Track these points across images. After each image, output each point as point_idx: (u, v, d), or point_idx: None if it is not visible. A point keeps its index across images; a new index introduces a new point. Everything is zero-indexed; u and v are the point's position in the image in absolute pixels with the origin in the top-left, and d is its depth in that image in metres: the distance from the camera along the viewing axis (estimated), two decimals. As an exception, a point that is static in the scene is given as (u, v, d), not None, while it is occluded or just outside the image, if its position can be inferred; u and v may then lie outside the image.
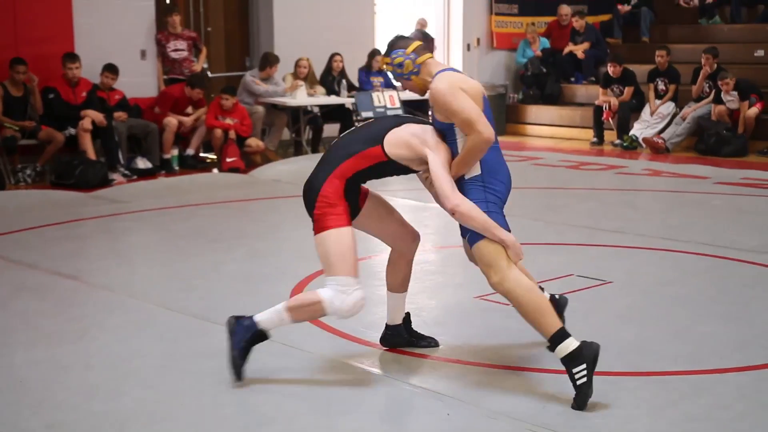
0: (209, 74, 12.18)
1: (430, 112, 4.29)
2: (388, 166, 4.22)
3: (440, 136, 4.20)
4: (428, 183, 4.28)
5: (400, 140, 4.17)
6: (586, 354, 3.82)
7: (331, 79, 12.18)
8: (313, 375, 4.34)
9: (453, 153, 4.17)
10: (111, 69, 10.38)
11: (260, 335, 4.16)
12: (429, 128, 4.25)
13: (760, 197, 8.94)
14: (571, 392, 3.86)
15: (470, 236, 4.09)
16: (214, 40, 12.56)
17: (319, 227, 4.18)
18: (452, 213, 4.06)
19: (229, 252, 6.76)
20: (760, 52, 13.31)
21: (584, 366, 3.81)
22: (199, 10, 12.36)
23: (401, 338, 4.60)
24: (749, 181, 9.79)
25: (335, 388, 4.17)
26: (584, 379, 3.80)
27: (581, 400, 3.82)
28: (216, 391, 4.11)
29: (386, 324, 4.62)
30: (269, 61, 11.57)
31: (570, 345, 3.84)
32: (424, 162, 4.16)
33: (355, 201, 4.29)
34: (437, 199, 4.21)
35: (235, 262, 6.46)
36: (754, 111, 11.79)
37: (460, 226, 4.15)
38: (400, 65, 4.29)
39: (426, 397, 4.04)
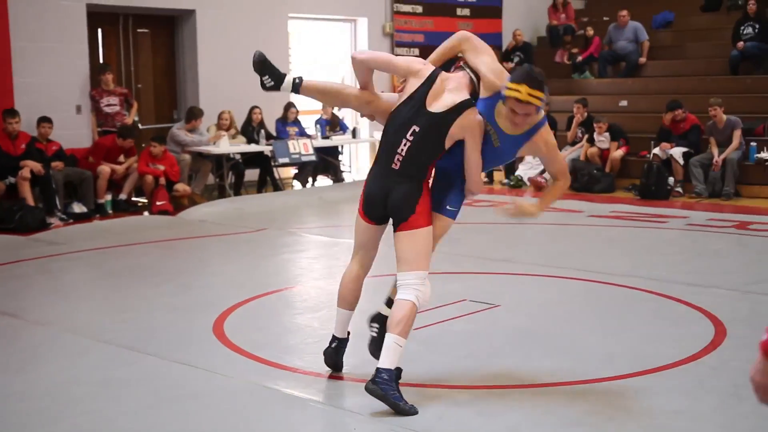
0: (140, 126, 12.02)
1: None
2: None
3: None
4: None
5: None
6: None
7: (251, 129, 12.14)
8: (233, 398, 4.29)
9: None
10: (46, 120, 10.22)
11: (398, 374, 4.04)
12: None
13: (627, 228, 9.20)
14: (474, 407, 3.90)
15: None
16: (144, 95, 12.42)
17: (416, 224, 4.08)
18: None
19: (159, 287, 6.64)
20: (624, 103, 13.74)
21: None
22: (130, 69, 12.22)
23: (342, 351, 4.51)
24: (617, 214, 10.05)
25: (253, 409, 4.13)
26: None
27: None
28: (146, 414, 4.03)
29: (335, 337, 4.49)
30: (194, 114, 11.50)
31: None
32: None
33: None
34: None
35: (164, 296, 6.35)
36: (619, 153, 12.16)
37: None
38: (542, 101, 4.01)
39: (336, 415, 4.03)
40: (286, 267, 7.57)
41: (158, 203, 10.50)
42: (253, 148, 11.91)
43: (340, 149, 13.63)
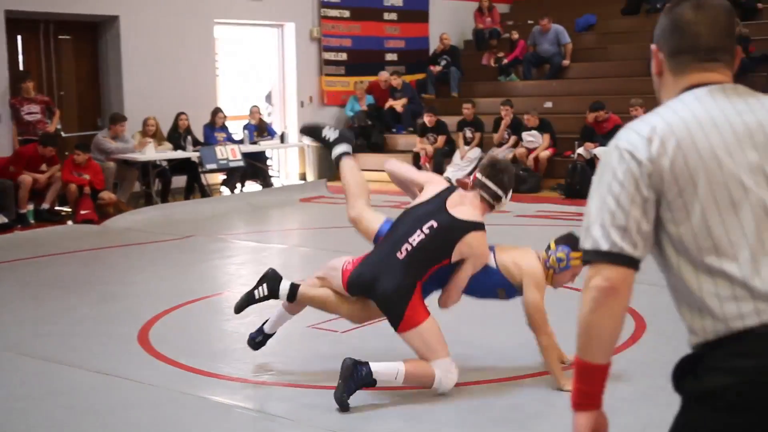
0: (63, 134, 11.76)
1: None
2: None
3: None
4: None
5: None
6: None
7: (177, 136, 11.99)
8: (157, 408, 4.22)
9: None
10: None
11: (371, 383, 4.03)
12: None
13: (552, 226, 9.32)
14: (388, 408, 3.91)
15: None
16: (67, 102, 12.16)
17: (415, 321, 4.09)
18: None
19: (82, 297, 6.50)
20: (549, 104, 13.95)
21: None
22: (52, 76, 11.96)
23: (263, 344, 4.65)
24: (543, 213, 10.20)
25: (178, 417, 4.08)
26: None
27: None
28: (66, 427, 3.95)
29: (263, 330, 4.60)
30: (115, 119, 11.33)
31: None
32: None
33: None
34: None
35: (87, 306, 6.22)
36: (546, 153, 12.35)
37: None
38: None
39: (262, 420, 4.00)
40: (213, 273, 7.49)
41: (82, 212, 10.27)
42: (179, 154, 11.76)
43: (268, 154, 13.55)
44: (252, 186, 13.07)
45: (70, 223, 10.39)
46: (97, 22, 12.26)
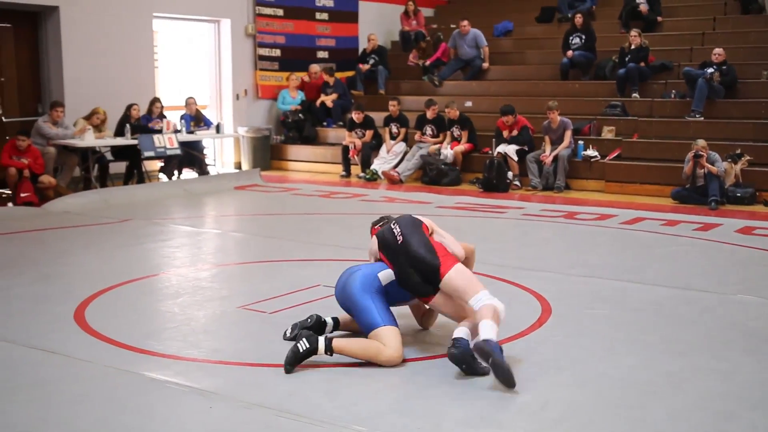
0: (3, 119, 11.40)
1: None
2: None
3: None
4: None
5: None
6: None
7: (125, 126, 11.74)
8: (89, 383, 4.15)
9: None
10: None
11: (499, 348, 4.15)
12: None
13: (470, 218, 9.45)
14: (322, 385, 3.93)
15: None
16: (7, 88, 11.76)
17: (448, 266, 4.37)
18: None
19: (18, 276, 6.33)
20: (469, 103, 14.08)
21: None
22: (-8, 62, 11.59)
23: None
24: (462, 205, 10.31)
25: (111, 392, 4.02)
26: None
27: None
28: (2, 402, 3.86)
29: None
30: (52, 105, 11.06)
31: None
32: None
33: None
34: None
35: (24, 286, 6.06)
36: (461, 148, 12.47)
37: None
38: None
39: (193, 395, 3.97)
40: (148, 256, 7.37)
41: (23, 195, 10.01)
42: (117, 141, 11.52)
43: (204, 144, 13.36)
44: (189, 173, 12.89)
45: (10, 205, 10.10)
46: (38, 12, 11.90)
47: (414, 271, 4.42)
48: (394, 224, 4.68)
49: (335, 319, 4.85)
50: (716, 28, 13.99)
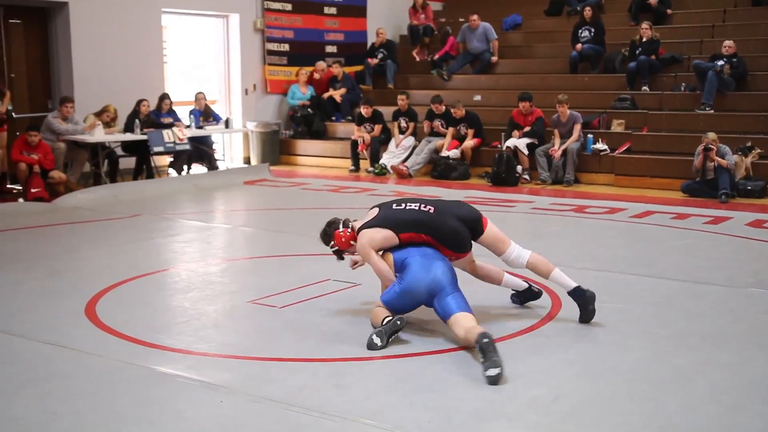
0: (14, 115, 11.44)
1: None
2: None
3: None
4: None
5: None
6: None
7: (138, 121, 11.76)
8: (99, 377, 4.16)
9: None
10: None
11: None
12: None
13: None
14: (333, 378, 3.93)
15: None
16: (17, 84, 11.80)
17: (486, 222, 5.11)
18: None
19: (29, 271, 6.36)
20: (478, 97, 14.06)
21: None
22: (2, 58, 11.59)
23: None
24: (471, 199, 10.25)
25: (122, 386, 4.02)
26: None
27: None
28: (10, 394, 3.87)
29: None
30: (62, 101, 11.08)
31: None
32: None
33: None
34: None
35: (34, 280, 6.08)
36: (470, 144, 12.44)
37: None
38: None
39: (203, 389, 3.98)
40: (159, 251, 7.38)
41: (33, 190, 10.04)
42: (127, 137, 11.54)
43: (213, 139, 13.38)
44: (198, 168, 12.91)
45: (21, 200, 10.14)
46: (47, 8, 11.93)
47: (462, 223, 4.89)
48: (407, 204, 4.95)
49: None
50: (726, 21, 13.91)
